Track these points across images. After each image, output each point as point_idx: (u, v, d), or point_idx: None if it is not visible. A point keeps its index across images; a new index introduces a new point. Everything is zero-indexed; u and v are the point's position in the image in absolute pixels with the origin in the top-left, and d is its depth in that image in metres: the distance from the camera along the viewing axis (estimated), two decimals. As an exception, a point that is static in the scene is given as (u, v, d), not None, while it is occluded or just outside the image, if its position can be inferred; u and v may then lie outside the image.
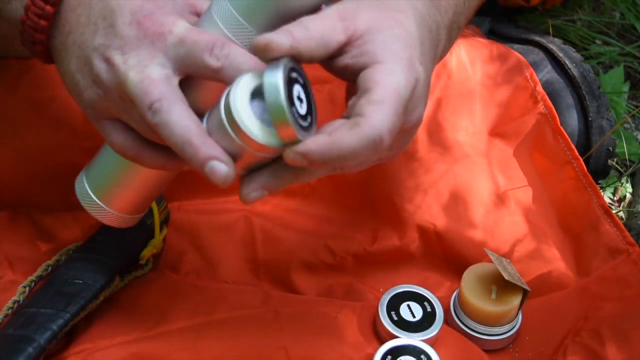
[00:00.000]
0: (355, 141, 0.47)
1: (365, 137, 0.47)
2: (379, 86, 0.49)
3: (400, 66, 0.50)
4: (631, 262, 0.70)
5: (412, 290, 0.67)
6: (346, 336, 0.64)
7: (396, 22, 0.52)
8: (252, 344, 0.63)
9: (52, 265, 0.70)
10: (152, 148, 0.54)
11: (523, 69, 0.80)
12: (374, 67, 0.50)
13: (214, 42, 0.49)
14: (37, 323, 0.61)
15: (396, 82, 0.49)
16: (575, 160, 0.76)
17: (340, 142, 0.47)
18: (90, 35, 0.51)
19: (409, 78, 0.50)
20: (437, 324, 0.65)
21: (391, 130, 0.48)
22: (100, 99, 0.52)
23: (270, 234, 0.75)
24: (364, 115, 0.48)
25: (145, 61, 0.49)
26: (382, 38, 0.50)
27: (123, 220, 0.62)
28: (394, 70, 0.49)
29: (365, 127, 0.47)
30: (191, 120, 0.49)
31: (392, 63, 0.50)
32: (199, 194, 0.78)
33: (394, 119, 0.48)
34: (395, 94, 0.48)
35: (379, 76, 0.49)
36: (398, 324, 0.64)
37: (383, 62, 0.50)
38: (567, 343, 0.66)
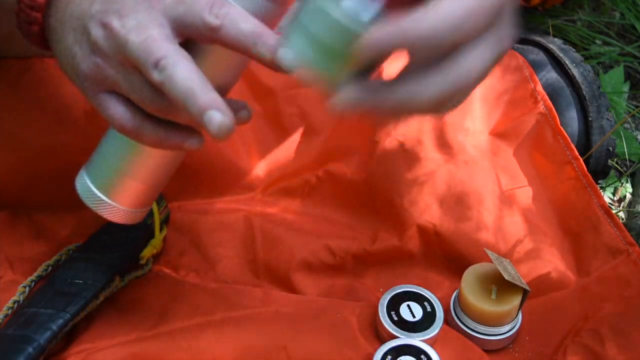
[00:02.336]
0: (435, 19, 0.44)
1: (445, 16, 0.44)
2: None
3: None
4: (631, 262, 0.70)
5: (412, 290, 0.67)
6: (346, 336, 0.64)
7: None
8: (252, 344, 0.63)
9: (52, 265, 0.70)
10: (151, 121, 0.52)
11: (523, 69, 0.80)
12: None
13: (213, 0, 0.48)
14: (37, 323, 0.61)
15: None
16: (575, 160, 0.76)
17: (420, 21, 0.44)
18: (88, 4, 0.50)
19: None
20: (437, 324, 0.65)
21: (472, 15, 0.44)
22: (98, 69, 0.51)
23: (270, 234, 0.75)
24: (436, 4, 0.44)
25: (144, 22, 0.48)
26: None
27: (129, 215, 0.60)
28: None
29: (440, 9, 0.44)
30: (196, 74, 0.48)
31: None
32: (199, 194, 0.79)
33: (474, 5, 0.44)
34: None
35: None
36: (398, 324, 0.64)
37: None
38: (567, 343, 0.66)
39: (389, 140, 0.75)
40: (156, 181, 0.60)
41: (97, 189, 0.59)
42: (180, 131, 0.53)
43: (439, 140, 0.76)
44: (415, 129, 0.76)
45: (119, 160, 0.58)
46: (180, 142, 0.53)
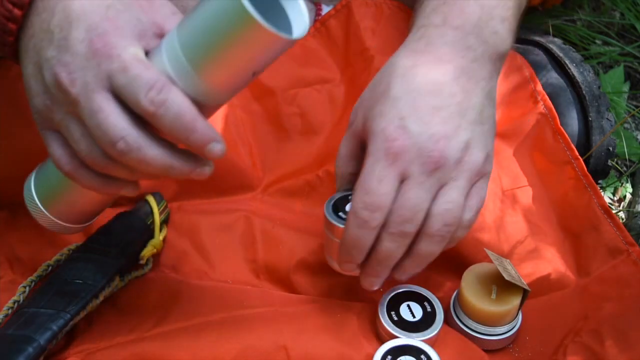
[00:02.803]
0: (348, 230, 0.60)
1: (350, 223, 0.59)
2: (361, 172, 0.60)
3: (374, 143, 0.59)
4: (631, 262, 0.70)
5: (412, 290, 0.67)
6: (346, 336, 0.64)
7: (378, 99, 0.60)
8: (252, 344, 0.63)
9: (52, 265, 0.70)
10: (88, 169, 0.53)
11: (523, 69, 0.80)
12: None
13: (153, 82, 0.48)
14: (37, 323, 0.61)
15: (367, 163, 0.59)
16: (575, 160, 0.76)
17: (344, 239, 0.61)
18: (47, 43, 0.50)
19: (383, 146, 0.58)
20: (437, 324, 0.65)
21: (368, 206, 0.58)
22: (47, 109, 0.52)
23: (270, 234, 0.75)
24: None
25: (90, 85, 0.49)
26: (367, 125, 0.60)
27: (63, 228, 0.62)
28: (369, 152, 0.59)
29: (349, 216, 0.60)
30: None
31: (369, 144, 0.59)
32: (199, 194, 0.79)
33: (366, 198, 0.58)
34: (366, 174, 0.59)
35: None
36: (398, 324, 0.64)
37: (367, 146, 0.59)
38: (567, 343, 0.66)
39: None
40: (92, 207, 0.62)
41: (38, 198, 0.60)
42: (115, 181, 0.54)
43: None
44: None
45: (58, 180, 0.59)
46: (116, 191, 0.55)
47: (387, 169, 0.57)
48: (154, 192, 0.76)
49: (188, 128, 0.49)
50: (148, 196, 0.75)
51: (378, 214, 0.57)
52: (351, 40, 0.79)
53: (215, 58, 0.49)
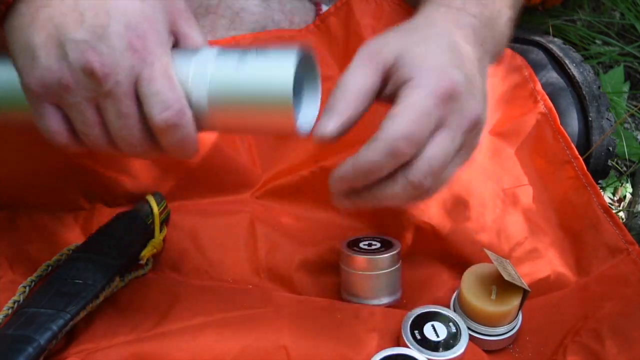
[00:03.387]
0: (372, 153, 0.53)
1: (379, 148, 0.52)
2: (399, 102, 0.54)
3: (426, 78, 0.54)
4: (631, 261, 0.70)
5: (436, 311, 0.66)
6: (346, 336, 0.64)
7: (420, 39, 0.57)
8: (252, 344, 0.63)
9: (52, 265, 0.70)
10: (81, 144, 0.55)
11: (523, 69, 0.80)
12: (403, 85, 0.54)
13: (172, 104, 0.50)
14: (37, 323, 0.61)
15: (416, 93, 0.53)
16: (575, 160, 0.76)
17: (359, 158, 0.53)
18: (74, 23, 0.49)
19: (438, 84, 0.53)
20: (462, 344, 0.63)
21: (408, 136, 0.52)
22: (60, 86, 0.50)
23: (270, 234, 0.75)
24: (381, 128, 0.53)
25: (121, 85, 0.50)
26: (409, 59, 0.55)
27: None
28: (418, 84, 0.54)
29: (379, 140, 0.52)
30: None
31: (417, 77, 0.54)
32: (199, 193, 0.79)
33: (408, 128, 0.52)
34: (412, 104, 0.53)
35: (403, 92, 0.54)
36: (421, 343, 0.63)
37: (411, 78, 0.54)
38: (567, 343, 0.66)
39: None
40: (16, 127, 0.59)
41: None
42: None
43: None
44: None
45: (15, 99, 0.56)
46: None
47: (436, 107, 0.53)
48: (154, 192, 0.76)
49: (183, 151, 0.53)
50: (148, 196, 0.75)
51: (413, 149, 0.53)
52: (351, 38, 0.79)
53: (234, 114, 0.52)
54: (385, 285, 0.70)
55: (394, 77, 0.55)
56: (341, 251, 0.70)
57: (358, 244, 0.71)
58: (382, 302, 0.70)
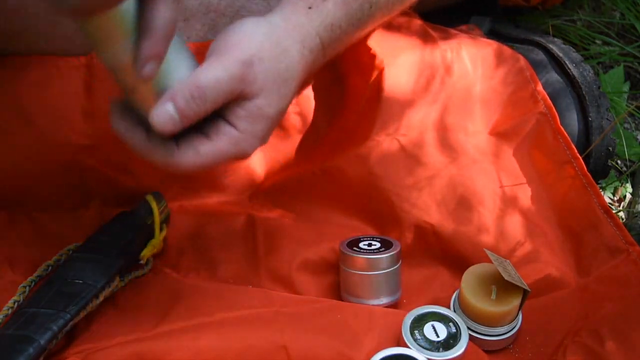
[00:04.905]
0: (158, 160, 0.57)
1: (163, 163, 0.57)
2: (213, 142, 0.58)
3: (245, 144, 0.59)
4: (631, 261, 0.70)
5: (437, 311, 0.66)
6: (346, 336, 0.64)
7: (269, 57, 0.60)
8: (252, 344, 0.63)
9: (52, 265, 0.70)
10: None
11: (524, 68, 0.80)
12: (228, 128, 0.58)
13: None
14: (37, 323, 0.61)
15: (230, 150, 0.58)
16: (575, 160, 0.76)
17: (146, 151, 0.57)
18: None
19: (239, 156, 0.59)
20: (462, 344, 0.63)
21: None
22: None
23: (270, 233, 0.75)
24: (179, 152, 0.57)
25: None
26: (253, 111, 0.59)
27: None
28: (238, 142, 0.58)
29: (171, 161, 0.57)
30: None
31: (244, 136, 0.59)
32: (199, 194, 0.79)
33: (193, 167, 0.57)
34: (218, 155, 0.58)
35: (222, 136, 0.58)
36: (422, 343, 0.63)
37: (238, 131, 0.58)
38: (567, 343, 0.66)
39: (390, 140, 0.75)
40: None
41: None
42: None
43: (440, 141, 0.76)
44: (416, 130, 0.76)
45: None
46: None
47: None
48: (154, 192, 0.76)
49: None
50: (148, 196, 0.75)
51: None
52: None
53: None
54: (385, 285, 0.70)
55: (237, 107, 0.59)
56: (341, 251, 0.70)
57: (358, 244, 0.71)
58: (382, 302, 0.70)
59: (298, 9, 0.64)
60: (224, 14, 0.82)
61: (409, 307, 0.67)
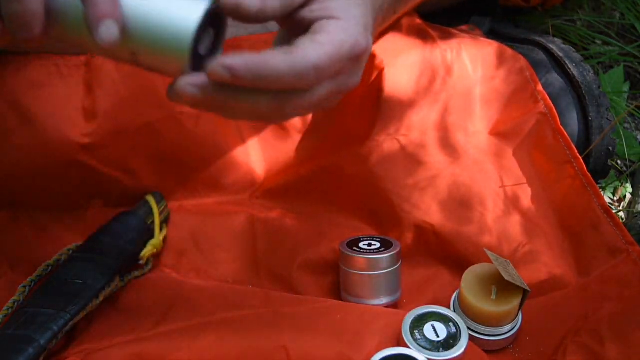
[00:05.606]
0: (283, 65, 0.49)
1: (293, 64, 0.49)
2: (327, 33, 0.51)
3: (356, 29, 0.53)
4: (631, 261, 0.70)
5: (437, 311, 0.66)
6: (346, 336, 0.64)
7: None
8: (252, 344, 0.63)
9: (52, 265, 0.70)
10: None
11: (524, 70, 0.80)
12: (331, 20, 0.53)
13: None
14: (37, 323, 0.61)
15: (346, 38, 0.52)
16: (575, 160, 0.76)
17: (267, 62, 0.48)
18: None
19: (360, 41, 0.53)
20: (462, 344, 0.63)
21: (320, 69, 0.50)
22: None
23: (270, 233, 0.75)
24: (300, 47, 0.50)
25: None
26: (343, 1, 0.54)
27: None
28: (348, 29, 0.53)
29: (297, 56, 0.49)
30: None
31: (349, 23, 0.53)
32: (199, 193, 0.79)
33: (327, 62, 0.50)
34: (339, 45, 0.51)
35: (332, 28, 0.52)
36: (421, 343, 0.63)
37: (341, 19, 0.53)
38: (567, 343, 0.66)
39: (390, 140, 0.75)
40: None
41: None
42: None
43: (440, 141, 0.76)
44: (416, 130, 0.76)
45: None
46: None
47: (349, 60, 0.53)
48: (154, 192, 0.76)
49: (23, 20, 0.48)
50: (148, 196, 0.75)
51: (315, 82, 0.52)
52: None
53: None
54: (385, 285, 0.70)
55: (318, 5, 0.54)
56: (341, 251, 0.70)
57: (358, 244, 0.71)
58: (382, 302, 0.70)
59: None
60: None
61: (409, 307, 0.67)
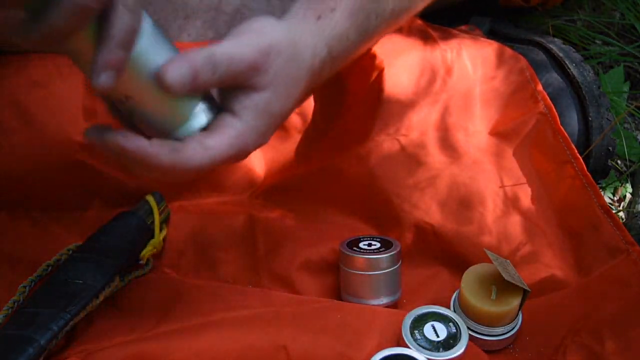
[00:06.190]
0: (166, 160, 0.53)
1: (176, 163, 0.53)
2: (220, 136, 0.55)
3: (250, 136, 0.56)
4: (631, 261, 0.70)
5: (437, 311, 0.66)
6: (346, 336, 0.64)
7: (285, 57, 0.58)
8: (252, 344, 0.63)
9: (52, 265, 0.70)
10: None
11: (525, 70, 0.80)
12: (233, 120, 0.56)
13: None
14: (37, 323, 0.61)
15: (236, 143, 0.55)
16: (575, 160, 0.76)
17: (152, 154, 0.52)
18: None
19: (248, 150, 0.57)
20: (462, 344, 0.63)
21: (201, 171, 0.54)
22: None
23: (270, 233, 0.75)
24: (188, 148, 0.54)
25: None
26: (264, 79, 0.57)
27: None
28: (242, 134, 0.56)
29: (182, 157, 0.53)
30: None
31: (248, 127, 0.56)
32: (199, 193, 0.79)
33: (209, 166, 0.54)
34: (227, 151, 0.55)
35: (228, 130, 0.55)
36: (421, 343, 0.63)
37: (242, 120, 0.56)
38: (567, 343, 0.66)
39: (390, 140, 0.75)
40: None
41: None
42: None
43: (441, 141, 0.76)
44: (416, 130, 0.76)
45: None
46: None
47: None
48: (154, 192, 0.76)
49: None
50: (148, 196, 0.75)
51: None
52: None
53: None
54: (385, 285, 0.70)
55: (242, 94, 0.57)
56: (341, 251, 0.70)
57: (358, 244, 0.71)
58: (382, 302, 0.70)
59: (308, 17, 0.62)
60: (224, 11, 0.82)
61: (409, 307, 0.67)
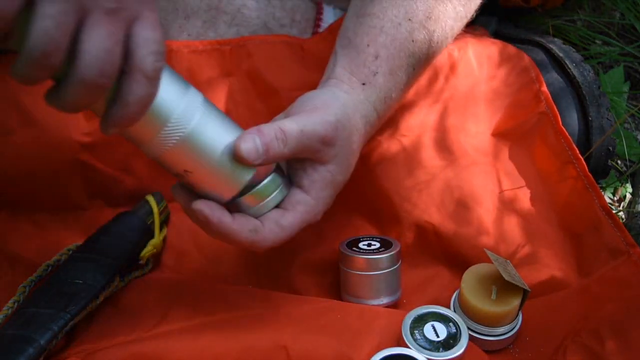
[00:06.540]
0: (244, 238, 0.58)
1: (253, 242, 0.59)
2: (294, 214, 0.61)
3: (317, 208, 0.62)
4: (632, 263, 0.70)
5: (437, 311, 0.66)
6: (346, 336, 0.64)
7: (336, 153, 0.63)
8: (252, 344, 0.63)
9: (52, 265, 0.70)
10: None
11: (528, 68, 0.79)
12: (305, 196, 0.62)
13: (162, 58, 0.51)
14: (37, 323, 0.61)
15: (307, 218, 0.61)
16: (577, 160, 0.76)
17: (235, 232, 0.58)
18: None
19: (315, 220, 0.63)
20: (462, 344, 0.63)
21: (274, 245, 0.60)
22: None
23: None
24: (266, 229, 0.59)
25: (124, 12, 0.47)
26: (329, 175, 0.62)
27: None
28: (313, 209, 0.62)
29: (258, 238, 0.59)
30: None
31: (317, 202, 0.62)
32: (199, 194, 0.78)
33: (282, 241, 0.60)
34: (299, 226, 0.61)
35: (301, 207, 0.61)
36: (421, 343, 0.63)
37: (311, 196, 0.62)
38: (567, 343, 0.66)
39: (390, 140, 0.75)
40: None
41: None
42: None
43: (440, 141, 0.76)
44: (416, 130, 0.76)
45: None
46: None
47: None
48: (154, 192, 0.76)
49: (138, 107, 0.49)
50: (148, 196, 0.75)
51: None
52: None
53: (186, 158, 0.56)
54: (385, 285, 0.70)
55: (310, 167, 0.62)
56: (341, 251, 0.70)
57: (358, 244, 0.71)
58: (382, 302, 0.70)
59: (354, 85, 0.66)
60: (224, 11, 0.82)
61: (409, 307, 0.67)
